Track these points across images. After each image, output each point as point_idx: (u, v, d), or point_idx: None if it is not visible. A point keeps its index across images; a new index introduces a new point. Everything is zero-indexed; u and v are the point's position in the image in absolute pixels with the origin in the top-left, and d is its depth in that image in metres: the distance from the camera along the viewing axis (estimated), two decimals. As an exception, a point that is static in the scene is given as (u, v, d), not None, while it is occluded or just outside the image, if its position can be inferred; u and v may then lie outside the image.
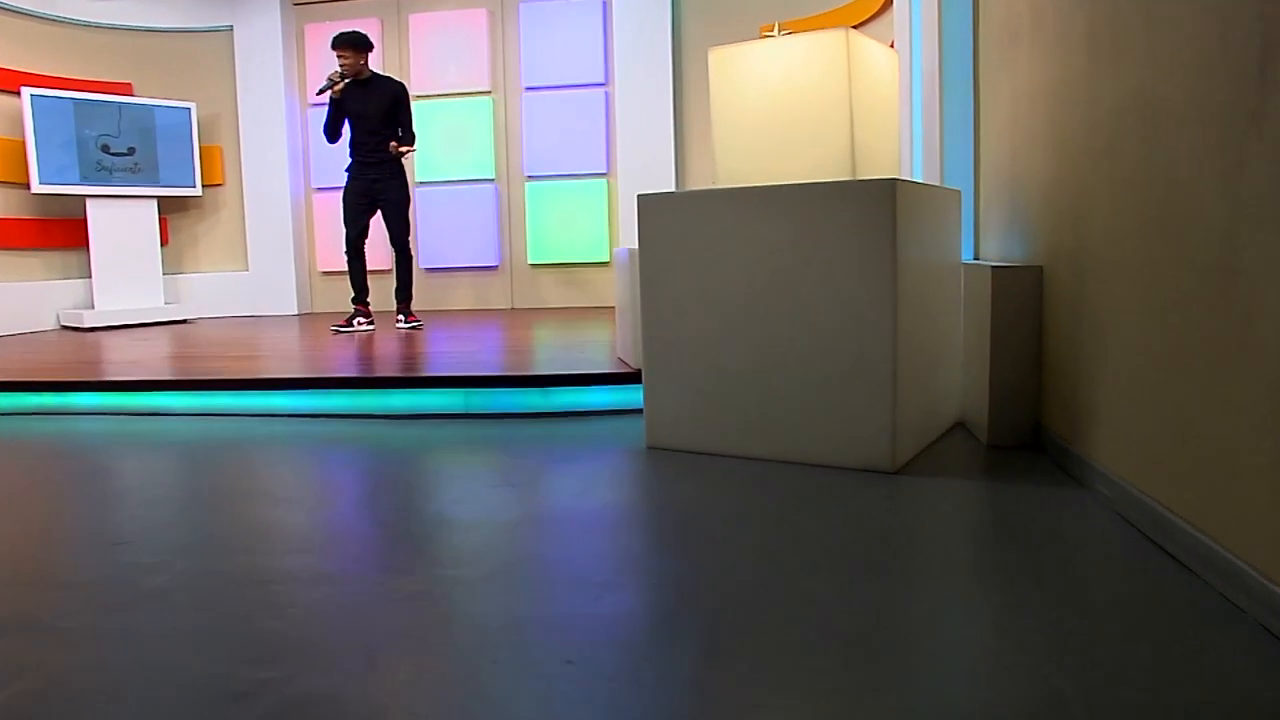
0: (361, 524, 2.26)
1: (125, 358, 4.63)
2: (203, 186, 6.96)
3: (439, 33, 6.88)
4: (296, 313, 7.10)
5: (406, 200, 5.34)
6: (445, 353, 4.31)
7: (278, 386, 3.57)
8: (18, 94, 6.22)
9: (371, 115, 5.16)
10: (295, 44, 7.10)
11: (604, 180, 6.76)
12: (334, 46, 5.16)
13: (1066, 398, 2.50)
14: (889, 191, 2.47)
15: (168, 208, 6.94)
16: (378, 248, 5.79)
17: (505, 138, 6.90)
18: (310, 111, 7.15)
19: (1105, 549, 1.90)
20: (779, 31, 5.57)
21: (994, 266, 2.77)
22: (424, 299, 7.06)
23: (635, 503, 2.39)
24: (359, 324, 5.41)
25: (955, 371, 3.09)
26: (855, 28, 5.53)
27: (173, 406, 3.64)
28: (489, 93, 6.87)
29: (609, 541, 2.03)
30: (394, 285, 5.50)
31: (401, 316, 5.48)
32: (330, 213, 7.04)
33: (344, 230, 5.39)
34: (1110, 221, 2.16)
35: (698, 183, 6.58)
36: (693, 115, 6.55)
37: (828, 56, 2.71)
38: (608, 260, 6.80)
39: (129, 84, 6.86)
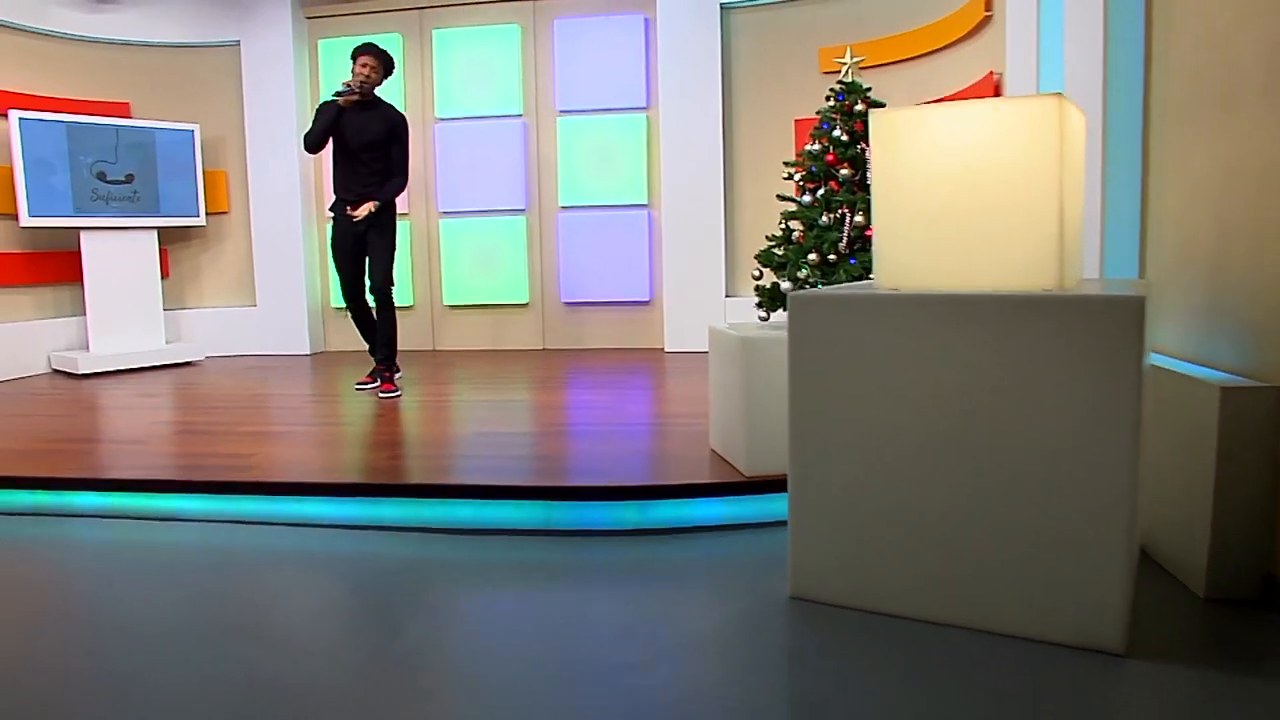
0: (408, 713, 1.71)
1: (124, 429, 4.04)
2: (206, 215, 6.36)
3: (465, 50, 6.33)
4: (309, 351, 6.58)
5: (393, 243, 4.60)
6: (495, 441, 3.75)
7: (310, 492, 3.01)
8: (4, 117, 5.61)
9: (365, 143, 4.50)
10: (308, 61, 6.54)
11: (644, 211, 6.25)
12: (358, 54, 4.53)
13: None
14: (1136, 311, 1.93)
15: (168, 237, 6.38)
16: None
17: (538, 165, 6.39)
18: None
19: None
20: (850, 57, 5.05)
21: (1224, 387, 2.24)
22: (450, 337, 6.52)
23: (792, 694, 1.83)
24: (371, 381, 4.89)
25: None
26: (936, 52, 5.06)
27: (184, 511, 3.07)
28: (520, 116, 6.31)
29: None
30: (375, 340, 4.68)
31: (374, 380, 4.75)
32: None
33: (340, 281, 4.71)
34: None
35: (748, 217, 6.08)
36: (743, 142, 6.08)
37: (1035, 129, 2.17)
38: (649, 299, 6.28)
39: (126, 104, 6.29)
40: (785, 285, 5.13)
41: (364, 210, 4.48)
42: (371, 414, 4.28)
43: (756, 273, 5.42)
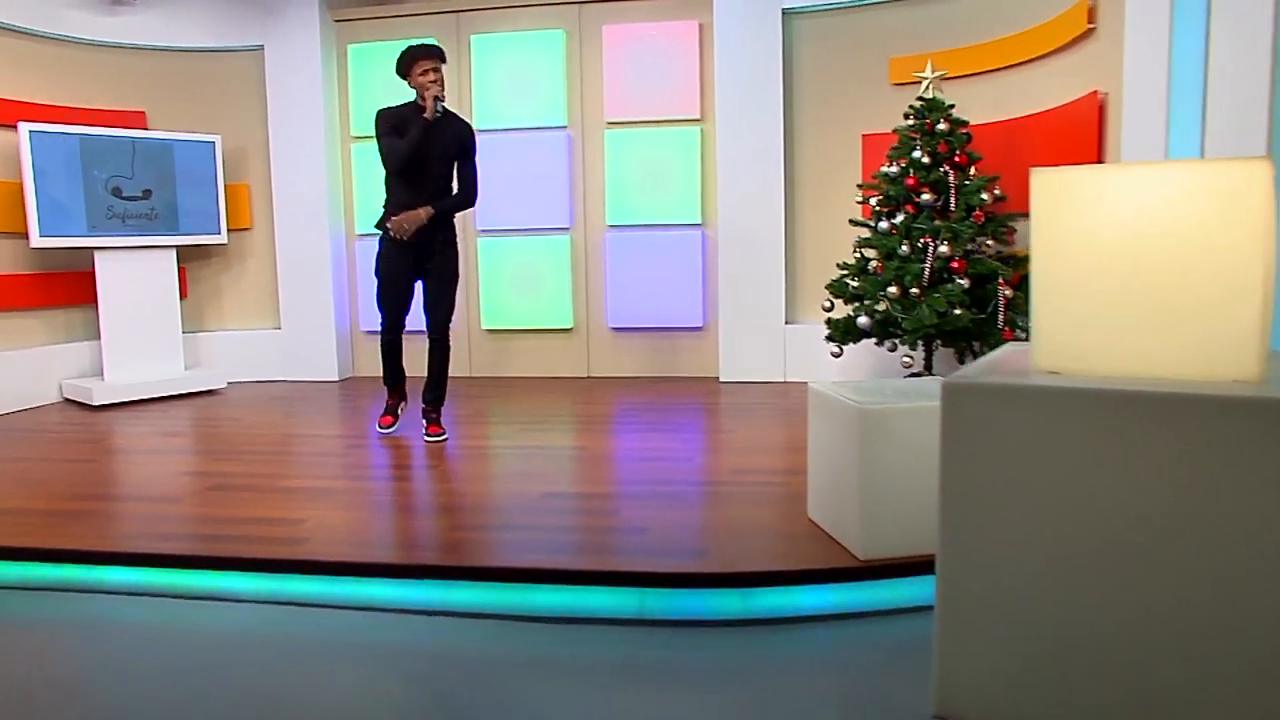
0: None
1: (152, 482, 3.83)
2: (228, 232, 6.16)
3: (506, 57, 6.12)
4: (337, 377, 6.37)
5: (457, 275, 4.34)
6: (566, 506, 3.53)
7: (373, 573, 2.78)
8: (14, 128, 5.41)
9: (435, 159, 4.17)
10: (337, 67, 6.34)
11: (698, 231, 6.04)
12: (419, 59, 4.11)
13: None
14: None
15: (186, 255, 6.20)
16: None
17: (583, 181, 6.17)
18: (355, 146, 6.36)
19: None
20: (930, 71, 4.80)
21: None
22: (488, 363, 6.31)
23: None
24: (402, 410, 4.60)
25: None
26: (1023, 65, 4.79)
27: (229, 590, 2.85)
28: (564, 128, 6.10)
29: None
30: (425, 381, 4.36)
31: (425, 422, 4.44)
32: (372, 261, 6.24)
33: (379, 314, 4.33)
34: None
35: (810, 239, 5.87)
36: (805, 159, 5.85)
37: (1239, 196, 1.93)
38: (701, 325, 6.09)
39: (141, 113, 6.11)
40: (863, 320, 4.91)
41: (408, 224, 4.10)
42: (424, 465, 4.06)
43: (828, 304, 5.20)
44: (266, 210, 6.38)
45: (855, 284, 4.94)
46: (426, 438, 4.39)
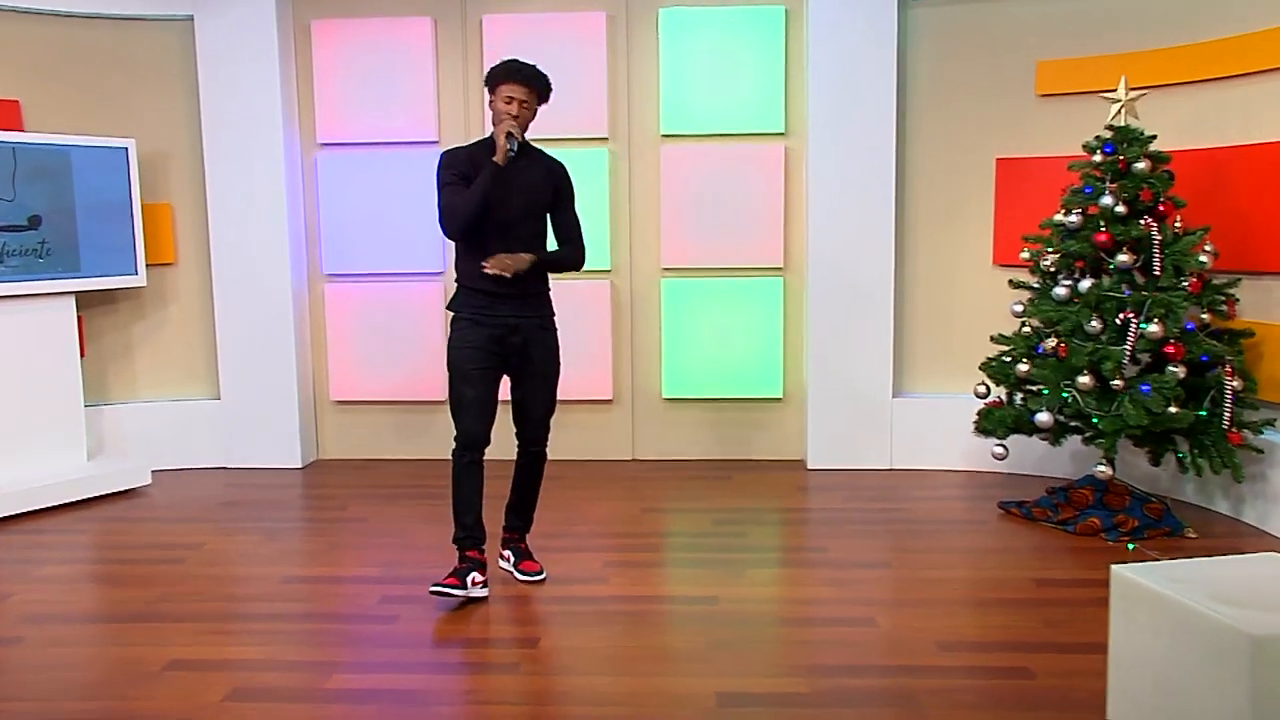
0: None
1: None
2: (145, 267, 5.24)
3: (528, 47, 5.21)
4: (299, 463, 5.49)
5: (559, 365, 3.71)
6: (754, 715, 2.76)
7: None
8: None
9: (516, 205, 3.52)
10: (296, 48, 5.42)
11: (779, 279, 5.43)
12: (503, 79, 3.48)
13: None
14: None
15: (86, 300, 5.18)
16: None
17: (628, 209, 5.45)
18: (323, 155, 5.46)
19: None
20: (1125, 91, 4.14)
21: None
22: (503, 444, 5.46)
23: None
24: (474, 583, 3.53)
25: None
26: (1236, 79, 4.25)
27: None
28: (605, 140, 5.38)
29: None
30: (509, 499, 3.80)
31: (510, 555, 3.76)
32: (350, 310, 5.51)
33: (455, 419, 3.59)
34: None
35: (926, 289, 5.31)
36: (921, 187, 5.25)
37: None
38: (781, 396, 5.46)
39: (15, 102, 5.06)
40: (1044, 416, 4.25)
41: (512, 262, 3.45)
42: (544, 663, 3.20)
43: (982, 388, 4.55)
44: (197, 239, 5.47)
45: (1026, 368, 4.29)
46: (519, 575, 3.77)
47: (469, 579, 3.52)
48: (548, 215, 3.66)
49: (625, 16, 5.32)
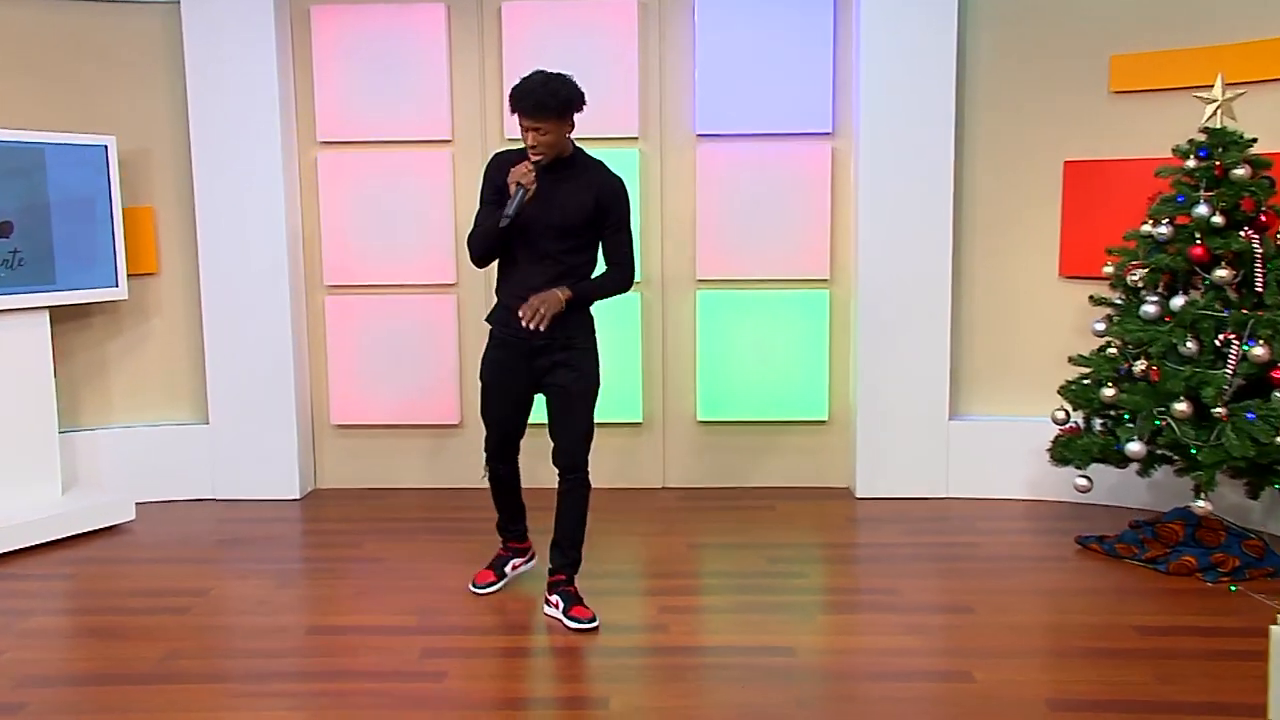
0: None
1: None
2: (128, 279, 4.96)
3: (550, 35, 5.06)
4: (298, 494, 5.21)
5: (594, 387, 3.63)
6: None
7: None
8: None
9: (552, 223, 3.43)
10: (294, 35, 5.16)
11: (825, 291, 5.23)
12: (514, 110, 3.33)
13: None
14: None
15: (56, 315, 4.89)
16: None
17: (660, 215, 5.24)
18: (323, 155, 5.21)
19: None
20: (1221, 89, 3.96)
21: None
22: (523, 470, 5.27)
23: None
24: (514, 568, 3.96)
25: None
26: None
27: None
28: (635, 140, 5.16)
29: None
30: (553, 534, 3.67)
31: (559, 600, 3.58)
32: (354, 325, 5.26)
33: (484, 429, 3.76)
34: None
35: (985, 302, 5.12)
36: (982, 191, 5.05)
37: None
38: (826, 418, 5.27)
39: None
40: (1135, 446, 4.06)
41: (545, 308, 3.36)
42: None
43: (1061, 413, 4.35)
44: (183, 246, 5.18)
45: (1112, 393, 4.10)
46: (569, 622, 3.55)
47: (510, 566, 3.92)
48: (594, 231, 3.53)
49: (658, 4, 5.10)
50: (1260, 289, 4.00)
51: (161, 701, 3.05)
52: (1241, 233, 4.02)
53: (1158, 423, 4.00)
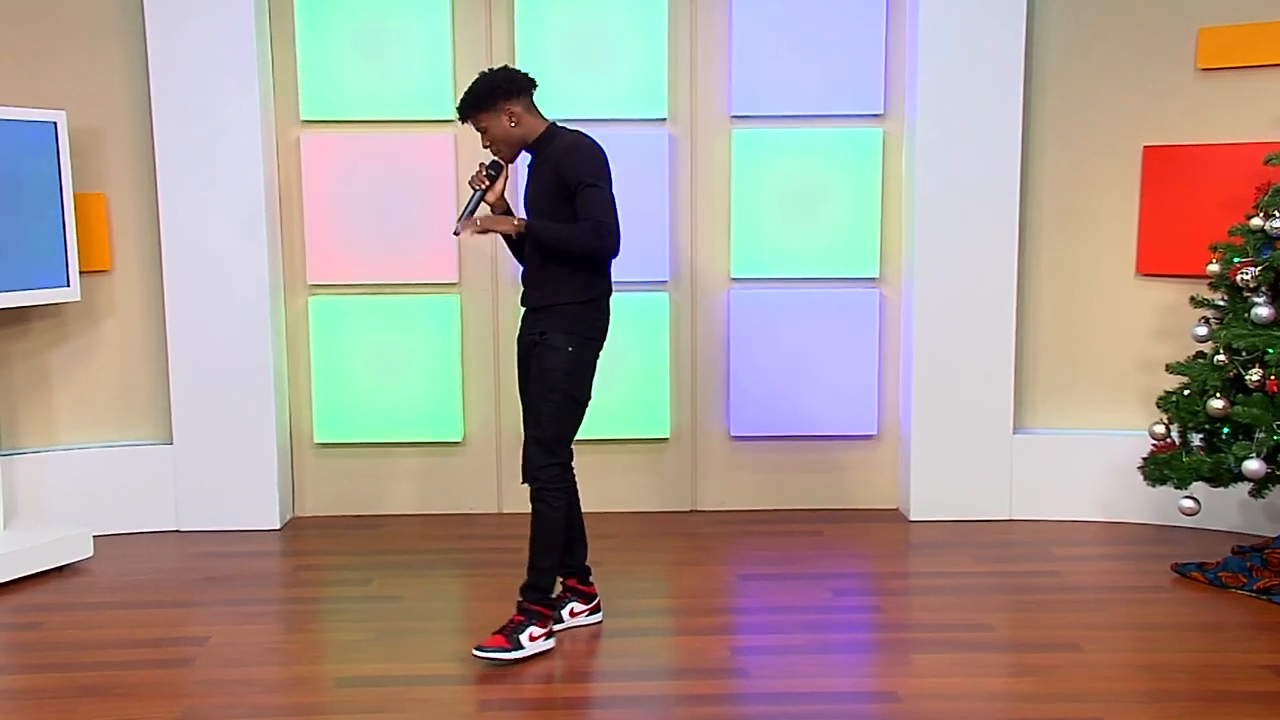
0: None
1: None
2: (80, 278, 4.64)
3: (569, 12, 4.89)
4: (277, 524, 4.91)
5: (559, 383, 3.49)
6: None
7: None
8: None
9: (529, 206, 3.65)
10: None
11: (873, 290, 5.08)
12: (462, 118, 3.59)
13: None
14: None
15: None
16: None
17: (690, 206, 5.04)
18: (305, 135, 4.97)
19: None
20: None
21: None
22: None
23: None
24: (572, 613, 3.74)
25: None
26: None
27: None
28: (663, 121, 4.97)
29: None
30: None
31: (508, 640, 3.41)
32: (341, 330, 5.02)
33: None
34: None
35: (1053, 303, 5.00)
36: (1052, 180, 4.91)
37: None
38: (875, 432, 5.12)
39: None
40: (1253, 465, 3.89)
41: (485, 222, 3.52)
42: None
43: (1160, 427, 4.21)
44: (142, 239, 4.88)
45: (1222, 404, 3.94)
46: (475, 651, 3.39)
47: (565, 611, 3.70)
48: (570, 204, 3.51)
49: (689, -24, 4.92)
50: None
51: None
52: (1364, 229, 3.90)
53: (1276, 438, 3.84)
